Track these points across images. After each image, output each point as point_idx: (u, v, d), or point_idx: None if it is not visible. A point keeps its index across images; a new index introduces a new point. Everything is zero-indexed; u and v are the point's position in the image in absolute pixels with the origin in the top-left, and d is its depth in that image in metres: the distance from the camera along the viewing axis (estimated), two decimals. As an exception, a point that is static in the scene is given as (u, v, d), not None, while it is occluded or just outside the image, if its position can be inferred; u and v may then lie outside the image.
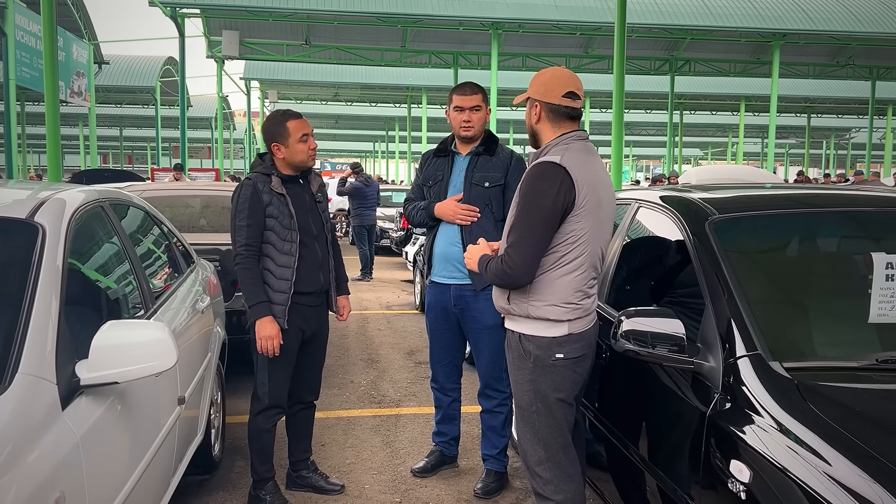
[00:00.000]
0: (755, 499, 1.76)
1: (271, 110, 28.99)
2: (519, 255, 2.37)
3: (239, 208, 3.17)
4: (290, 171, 3.27)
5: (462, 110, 3.40)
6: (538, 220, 2.37)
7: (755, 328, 2.05)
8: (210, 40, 20.45)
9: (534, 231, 2.37)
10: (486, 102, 3.45)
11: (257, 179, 3.20)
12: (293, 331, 3.23)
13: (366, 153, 65.62)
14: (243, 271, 3.15)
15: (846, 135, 50.05)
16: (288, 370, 3.29)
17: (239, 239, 3.16)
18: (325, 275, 3.38)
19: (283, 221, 3.19)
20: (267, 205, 3.16)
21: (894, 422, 1.77)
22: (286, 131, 3.20)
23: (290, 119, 3.24)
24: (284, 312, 3.17)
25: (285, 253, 3.19)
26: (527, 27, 19.31)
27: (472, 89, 3.43)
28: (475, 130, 3.42)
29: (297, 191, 3.29)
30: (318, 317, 3.40)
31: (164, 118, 29.66)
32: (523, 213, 2.40)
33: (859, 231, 2.63)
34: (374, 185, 11.57)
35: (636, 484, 2.51)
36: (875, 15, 19.76)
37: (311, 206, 3.34)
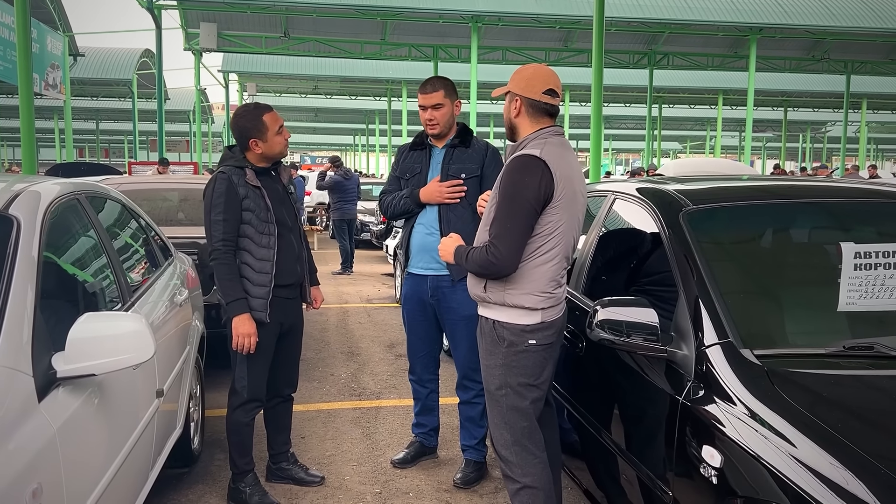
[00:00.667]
0: (726, 482, 1.81)
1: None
2: (504, 245, 2.42)
3: (214, 202, 3.12)
4: (264, 164, 3.26)
5: (425, 109, 3.42)
6: (521, 211, 2.42)
7: (727, 317, 2.09)
8: (187, 32, 20.22)
9: (517, 222, 2.42)
10: (450, 97, 3.44)
11: (232, 173, 3.16)
12: (272, 324, 3.22)
13: (346, 146, 65.32)
14: (221, 267, 3.11)
15: (822, 128, 50.67)
16: (266, 364, 3.29)
17: (216, 234, 3.11)
18: (302, 266, 3.39)
19: (260, 214, 3.16)
20: (243, 198, 3.13)
21: (860, 407, 1.82)
22: (263, 126, 3.19)
23: (264, 112, 3.22)
24: (266, 306, 3.16)
25: (263, 246, 3.17)
26: (506, 20, 19.31)
27: (432, 87, 3.43)
28: (440, 127, 3.43)
29: (270, 183, 3.27)
30: (294, 309, 3.41)
31: (140, 111, 29.29)
32: (505, 205, 2.44)
33: (829, 222, 2.69)
34: (354, 179, 11.55)
35: (612, 471, 2.55)
36: (849, 10, 20.00)
37: (284, 198, 3.33)
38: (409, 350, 3.78)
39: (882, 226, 2.63)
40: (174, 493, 3.42)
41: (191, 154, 39.59)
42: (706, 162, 11.16)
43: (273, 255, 3.19)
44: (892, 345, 2.02)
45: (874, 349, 2.00)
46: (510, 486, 2.60)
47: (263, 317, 3.15)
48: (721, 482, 1.82)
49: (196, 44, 19.84)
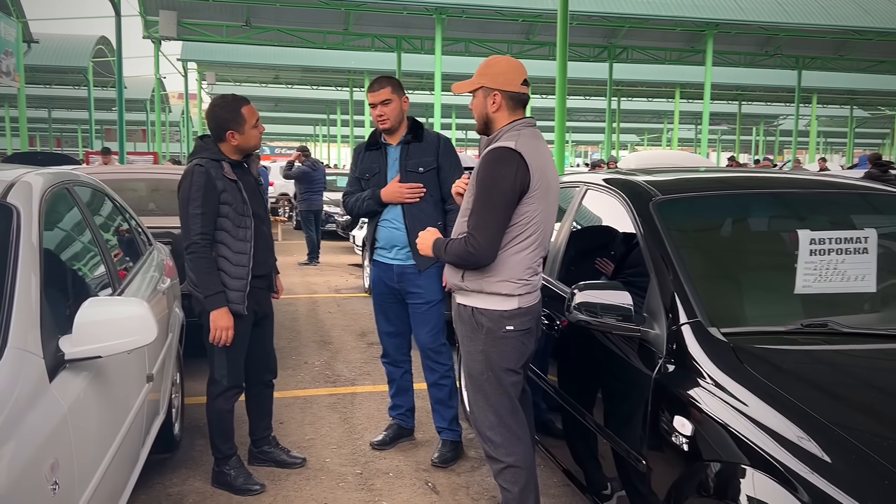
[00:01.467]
0: (696, 449, 1.97)
1: (209, 92, 28.16)
2: (483, 237, 2.51)
3: (192, 196, 3.11)
4: (237, 156, 3.30)
5: (374, 106, 3.54)
6: (498, 203, 2.51)
7: (695, 298, 2.25)
8: (146, 20, 19.89)
9: (495, 214, 2.51)
10: (397, 93, 3.56)
11: (210, 166, 3.17)
12: (248, 314, 3.29)
13: (306, 137, 64.75)
14: (199, 260, 3.12)
15: (774, 122, 52.01)
16: (243, 352, 3.36)
17: (194, 227, 3.11)
18: (273, 257, 3.49)
19: (238, 208, 3.20)
20: (221, 191, 3.16)
21: (815, 377, 2.00)
22: (241, 118, 3.22)
23: (243, 105, 3.26)
24: (243, 298, 3.21)
25: (240, 239, 3.21)
26: (470, 12, 19.43)
27: (379, 84, 3.55)
28: (391, 122, 3.55)
29: (243, 175, 3.31)
30: (266, 298, 3.50)
31: (95, 100, 28.69)
32: (483, 197, 2.53)
33: (787, 211, 2.88)
34: (320, 170, 11.56)
35: (589, 446, 2.71)
36: (801, 7, 20.61)
37: (256, 190, 3.39)
38: (380, 333, 3.90)
39: (834, 215, 2.83)
40: (158, 477, 3.49)
41: (148, 144, 38.88)
42: (666, 155, 11.42)
43: (250, 248, 3.24)
44: (844, 323, 2.21)
45: (828, 326, 2.18)
46: (494, 466, 2.72)
47: (241, 309, 3.21)
48: (691, 449, 1.99)
49: (155, 32, 19.54)
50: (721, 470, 1.86)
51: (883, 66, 26.62)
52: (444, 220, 3.60)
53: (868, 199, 3.02)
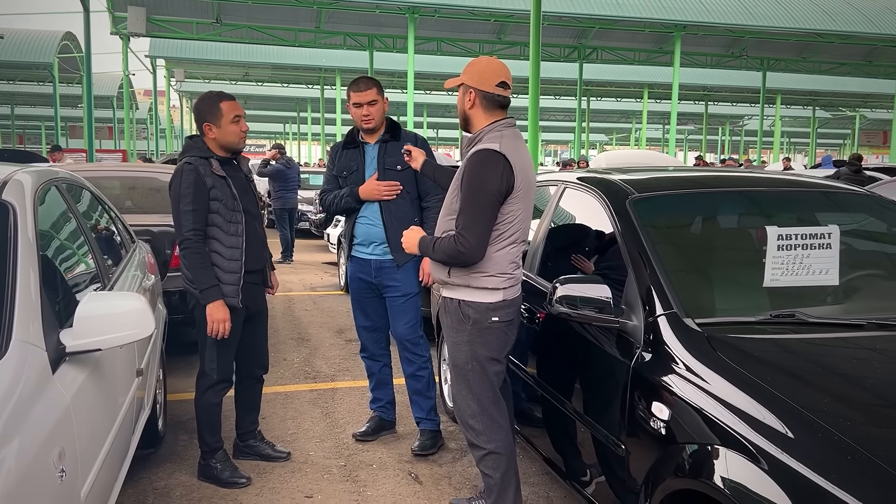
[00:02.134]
0: (673, 432, 2.09)
1: (178, 90, 27.79)
2: (472, 236, 2.61)
3: (183, 193, 3.19)
4: (222, 153, 3.35)
5: (360, 106, 3.61)
6: (486, 203, 2.63)
7: (671, 291, 2.37)
8: (114, 16, 19.63)
9: (483, 214, 2.63)
10: (381, 94, 3.66)
11: (198, 163, 3.24)
12: (240, 309, 3.35)
13: (276, 134, 64.30)
14: (193, 255, 3.20)
15: (740, 122, 52.94)
16: (234, 346, 3.42)
17: (185, 224, 3.19)
18: (266, 252, 3.54)
19: (228, 203, 3.27)
20: (211, 188, 3.23)
21: (783, 363, 2.13)
22: (219, 112, 3.28)
23: (223, 100, 3.32)
24: (237, 292, 3.28)
25: (232, 234, 3.28)
26: (442, 12, 19.52)
27: (366, 84, 3.64)
28: (375, 122, 3.64)
29: (233, 172, 3.38)
30: (259, 293, 3.56)
31: (60, 96, 28.20)
32: (470, 197, 2.64)
33: (756, 208, 3.03)
34: (294, 168, 11.56)
35: (569, 434, 2.82)
36: (766, 10, 21.07)
37: (247, 187, 3.46)
38: (358, 328, 3.97)
39: (801, 212, 2.98)
40: (144, 472, 3.53)
41: (115, 141, 38.27)
42: (635, 154, 11.67)
43: (242, 243, 3.31)
44: (809, 313, 2.35)
45: (795, 317, 2.32)
46: (476, 453, 2.84)
47: (236, 302, 3.28)
48: (668, 433, 2.11)
49: (124, 28, 19.30)
50: (696, 451, 1.98)
51: (844, 69, 27.31)
52: (421, 216, 3.69)
53: (831, 197, 3.17)
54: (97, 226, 3.38)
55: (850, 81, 32.71)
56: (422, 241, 2.83)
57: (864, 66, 26.60)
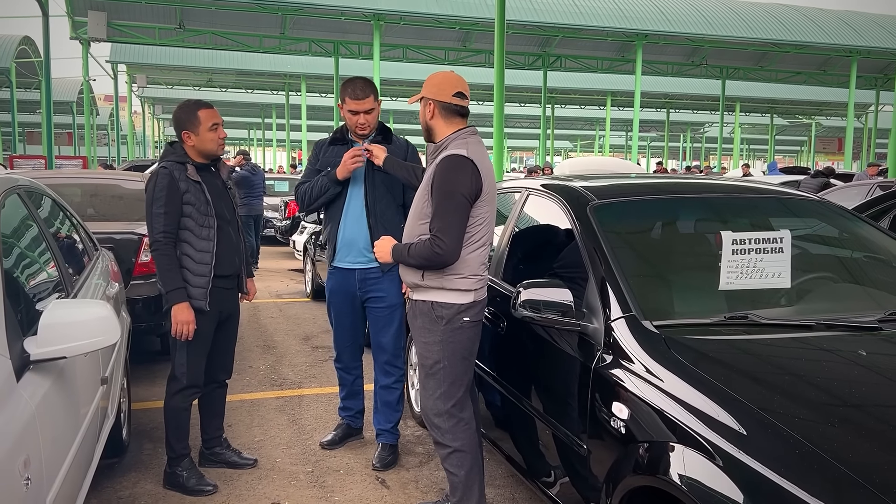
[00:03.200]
0: (631, 432, 2.16)
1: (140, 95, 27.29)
2: (448, 238, 2.69)
3: (156, 196, 3.26)
4: (201, 159, 3.40)
5: (357, 113, 3.58)
6: (459, 206, 2.71)
7: (630, 294, 2.45)
8: (74, 21, 19.31)
9: (456, 216, 2.71)
10: (377, 101, 3.65)
11: (173, 168, 3.31)
12: (211, 313, 3.37)
13: (240, 141, 63.69)
14: (161, 257, 3.26)
15: (701, 129, 53.94)
16: (204, 351, 3.44)
17: (157, 226, 3.25)
18: (240, 258, 3.55)
19: (201, 208, 3.32)
20: (184, 192, 3.29)
21: (737, 363, 2.21)
22: (197, 119, 3.34)
23: (201, 108, 3.38)
24: (205, 295, 3.32)
25: (203, 238, 3.33)
26: (408, 19, 19.58)
27: (363, 92, 3.56)
28: (370, 129, 3.63)
29: (210, 178, 3.43)
30: (231, 299, 3.57)
31: (18, 101, 27.59)
32: (443, 202, 2.72)
33: (712, 214, 3.12)
34: (260, 174, 11.49)
35: (532, 435, 2.88)
36: (725, 20, 21.55)
37: (223, 193, 3.49)
38: (336, 341, 3.92)
39: (754, 217, 3.09)
40: (108, 482, 3.50)
41: (75, 147, 37.56)
42: (598, 161, 11.84)
43: (213, 247, 3.35)
44: (762, 315, 2.44)
45: (748, 318, 2.41)
46: (441, 451, 2.90)
47: (203, 305, 3.31)
48: (627, 432, 2.17)
49: (84, 33, 18.99)
50: (654, 449, 2.04)
51: (800, 77, 28.03)
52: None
53: (784, 203, 3.29)
54: (60, 233, 3.36)
55: (806, 90, 33.59)
56: (395, 249, 2.89)
57: (818, 75, 27.34)
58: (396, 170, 3.46)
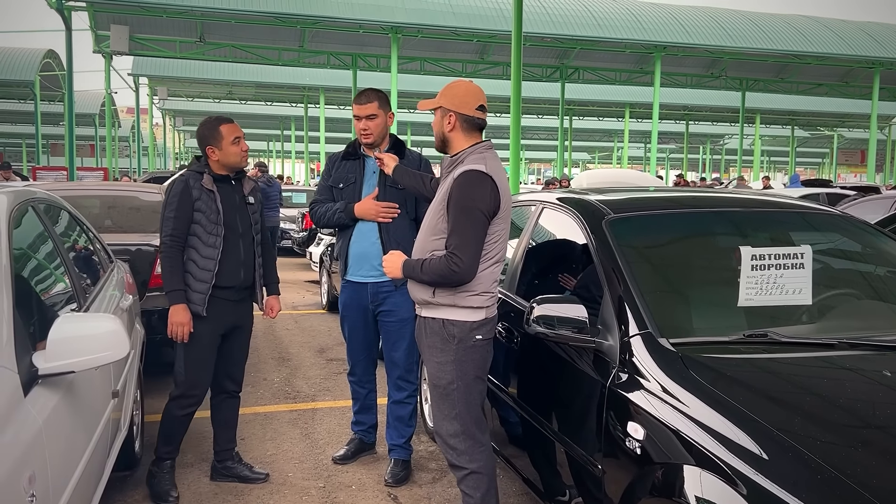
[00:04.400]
0: (647, 453, 2.10)
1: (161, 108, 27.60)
2: (466, 255, 2.63)
3: (169, 201, 3.40)
4: (225, 172, 3.49)
5: (359, 119, 3.57)
6: (477, 223, 2.65)
7: (646, 311, 2.40)
8: (97, 34, 19.59)
9: (475, 234, 2.65)
10: (383, 109, 3.59)
11: (190, 176, 3.43)
12: (211, 322, 3.41)
13: (260, 153, 64.22)
14: (165, 259, 3.36)
15: (720, 140, 53.60)
16: (205, 360, 3.46)
17: (165, 229, 3.37)
18: (248, 272, 3.54)
19: (210, 216, 3.38)
20: (196, 199, 3.38)
21: (756, 383, 2.15)
22: (219, 135, 3.43)
23: (222, 123, 3.47)
24: (203, 301, 3.38)
25: (210, 246, 3.39)
26: (426, 32, 19.65)
27: (367, 98, 3.57)
28: (374, 137, 3.58)
29: (228, 190, 3.49)
30: (237, 311, 3.56)
31: (42, 114, 28.03)
32: (461, 218, 2.65)
33: (730, 228, 3.06)
34: (276, 186, 11.54)
35: (547, 454, 2.82)
36: (745, 32, 21.42)
37: (241, 207, 3.52)
38: (349, 355, 3.89)
39: (774, 232, 3.02)
40: (119, 495, 3.49)
41: (97, 159, 38.05)
42: (616, 173, 11.76)
43: (217, 255, 3.40)
44: (782, 333, 2.38)
45: (768, 336, 2.35)
46: (457, 473, 2.82)
47: (200, 310, 3.38)
48: (643, 452, 2.12)
49: (106, 46, 19.25)
50: (671, 471, 1.99)
51: (821, 89, 27.78)
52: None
53: (805, 218, 3.22)
54: (75, 246, 3.37)
55: (828, 101, 33.27)
56: (406, 265, 2.81)
57: (840, 86, 27.07)
58: (405, 179, 3.40)
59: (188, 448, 4.07)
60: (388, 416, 3.80)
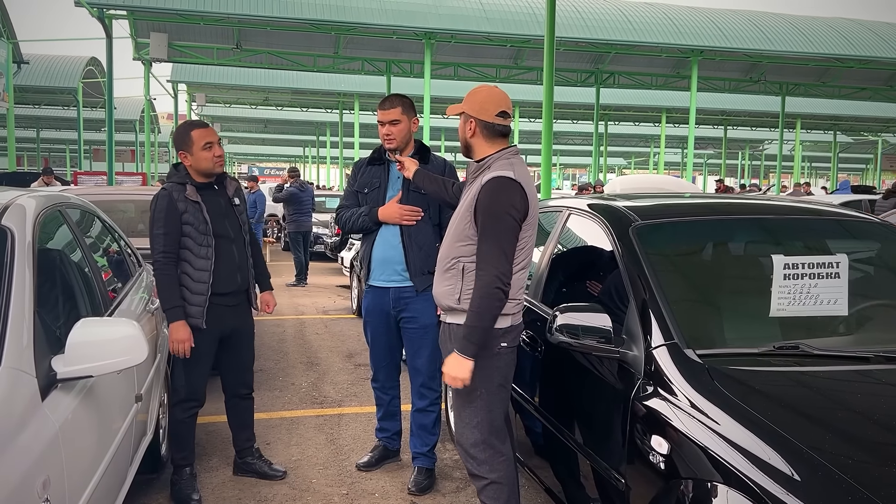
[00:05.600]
0: (673, 467, 2.03)
1: (199, 114, 28.03)
2: (504, 264, 2.59)
3: (156, 217, 3.35)
4: (201, 178, 3.45)
5: (383, 124, 3.56)
6: (510, 230, 2.62)
7: (672, 321, 2.33)
8: (137, 42, 19.97)
9: (509, 241, 2.62)
10: (407, 114, 3.57)
11: (172, 189, 3.38)
12: (209, 330, 3.43)
13: (295, 158, 64.89)
14: (161, 277, 3.34)
15: (759, 146, 52.62)
16: (204, 367, 3.50)
17: (156, 247, 3.33)
18: (244, 275, 3.57)
19: (199, 227, 3.37)
20: (183, 213, 3.34)
21: (787, 398, 2.07)
22: (190, 140, 3.39)
23: (194, 128, 3.44)
24: (202, 313, 3.38)
25: (202, 257, 3.38)
26: (459, 38, 19.63)
27: (390, 103, 3.57)
28: (397, 142, 3.56)
29: (212, 196, 3.46)
30: (236, 316, 3.58)
31: (85, 120, 28.69)
32: (495, 226, 2.61)
33: (762, 236, 2.97)
34: (308, 191, 11.62)
35: (570, 465, 2.76)
36: (784, 35, 20.99)
37: (227, 211, 3.51)
38: (372, 360, 3.87)
39: (808, 240, 2.92)
40: (144, 498, 3.51)
41: (137, 164, 38.83)
42: (649, 179, 11.59)
43: (210, 266, 3.40)
44: (815, 345, 2.29)
45: (800, 348, 2.26)
46: (477, 483, 2.78)
47: (200, 323, 3.38)
48: (668, 467, 2.05)
49: (146, 53, 19.61)
50: (697, 488, 1.92)
51: (864, 93, 27.08)
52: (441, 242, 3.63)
53: (843, 225, 3.11)
54: (102, 250, 3.41)
55: (872, 106, 32.42)
56: (459, 342, 2.62)
57: (885, 90, 26.36)
58: (426, 184, 3.37)
59: (213, 451, 4.09)
60: (412, 425, 3.77)
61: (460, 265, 2.73)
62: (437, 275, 2.86)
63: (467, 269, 2.71)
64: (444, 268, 2.80)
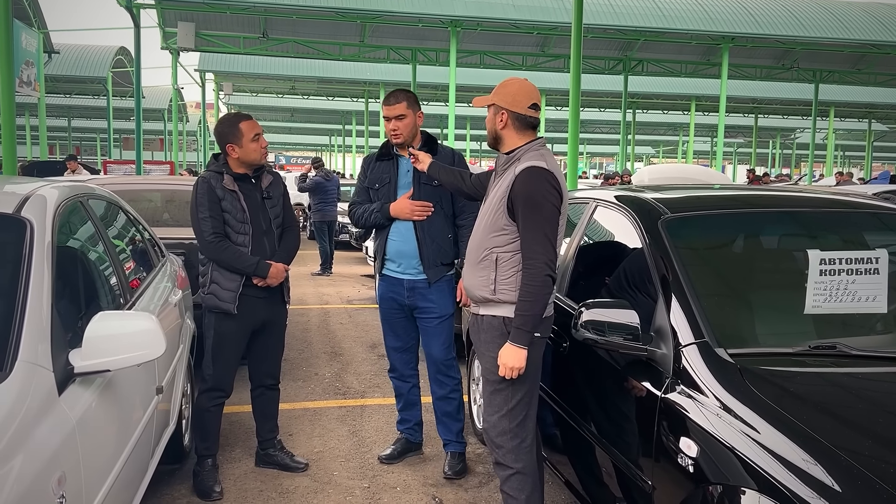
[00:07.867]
0: (702, 471, 1.96)
1: (226, 103, 28.17)
2: (550, 251, 2.59)
3: (199, 203, 3.40)
4: (244, 170, 3.48)
5: (389, 120, 3.56)
6: (551, 217, 2.62)
7: (703, 318, 2.25)
8: (165, 31, 20.12)
9: (552, 228, 2.62)
10: (412, 109, 3.57)
11: (211, 177, 3.43)
12: (241, 321, 3.45)
13: (321, 147, 65.14)
14: (223, 252, 3.37)
15: (791, 135, 51.65)
16: (233, 357, 3.52)
17: (205, 229, 3.37)
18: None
19: (237, 216, 3.41)
20: (221, 199, 3.39)
21: (823, 401, 1.98)
22: (239, 132, 3.42)
23: (242, 121, 3.46)
24: (235, 299, 3.41)
25: (239, 244, 3.42)
26: (485, 25, 19.48)
27: (395, 98, 3.57)
28: (403, 137, 3.56)
29: (249, 188, 3.49)
30: (268, 307, 3.58)
31: (114, 109, 29.01)
32: (536, 216, 2.60)
33: (796, 230, 2.86)
34: (334, 180, 11.61)
35: (594, 463, 2.70)
36: (818, 21, 20.50)
37: (262, 205, 3.53)
38: (387, 348, 3.89)
39: (845, 234, 2.81)
40: (167, 488, 3.51)
41: (165, 153, 39.26)
42: (678, 168, 11.42)
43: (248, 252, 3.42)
44: (852, 344, 2.19)
45: (836, 348, 2.17)
46: (501, 473, 2.76)
47: (231, 308, 3.41)
48: (697, 470, 1.98)
49: (174, 43, 19.75)
50: (726, 492, 1.85)
51: (901, 80, 26.40)
52: (455, 234, 3.61)
53: (882, 219, 2.99)
54: (123, 242, 3.40)
55: (909, 93, 31.64)
56: (515, 333, 2.59)
57: (923, 77, 25.68)
58: (441, 175, 3.36)
59: (236, 442, 4.09)
60: (436, 413, 3.79)
61: (494, 256, 2.71)
62: (469, 266, 2.85)
63: (501, 259, 2.70)
64: (477, 259, 2.78)
